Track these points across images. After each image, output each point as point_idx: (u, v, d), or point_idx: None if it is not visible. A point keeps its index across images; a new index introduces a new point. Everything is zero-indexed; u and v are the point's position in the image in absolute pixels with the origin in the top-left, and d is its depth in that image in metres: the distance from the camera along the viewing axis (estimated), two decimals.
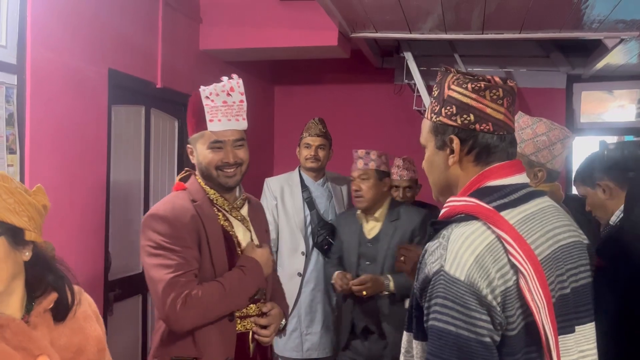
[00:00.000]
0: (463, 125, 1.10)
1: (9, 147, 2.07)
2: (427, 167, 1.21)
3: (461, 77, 1.13)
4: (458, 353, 0.96)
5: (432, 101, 1.17)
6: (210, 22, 3.50)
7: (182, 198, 1.72)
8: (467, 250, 1.00)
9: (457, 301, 0.98)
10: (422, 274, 1.05)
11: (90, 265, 2.53)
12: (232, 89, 1.73)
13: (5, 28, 2.06)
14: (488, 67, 4.43)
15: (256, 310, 1.76)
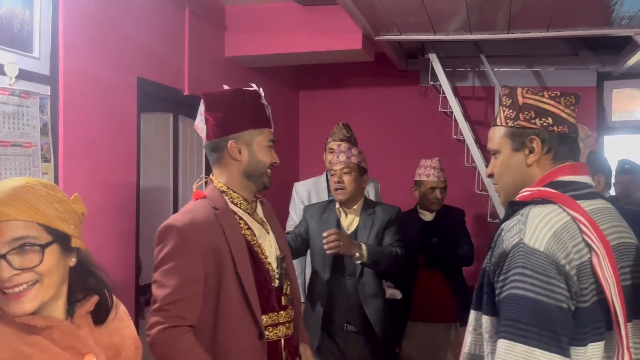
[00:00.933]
0: (542, 127, 1.24)
1: (44, 156, 2.13)
2: (500, 170, 1.31)
3: (532, 89, 1.28)
4: (537, 318, 1.03)
5: (505, 109, 1.29)
6: (235, 29, 3.55)
7: (204, 207, 1.66)
8: (546, 226, 1.09)
9: (537, 269, 1.05)
10: (499, 249, 1.13)
11: (121, 270, 2.59)
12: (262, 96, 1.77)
13: (39, 40, 2.13)
14: (515, 67, 4.38)
15: (286, 317, 1.74)
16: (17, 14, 2.05)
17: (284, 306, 1.73)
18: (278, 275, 1.74)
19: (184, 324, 1.55)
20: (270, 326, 1.68)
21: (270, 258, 1.74)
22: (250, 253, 1.67)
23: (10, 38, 2.02)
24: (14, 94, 2.00)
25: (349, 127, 3.11)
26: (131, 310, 2.65)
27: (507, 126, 1.28)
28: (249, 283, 1.61)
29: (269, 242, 1.77)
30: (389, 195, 3.85)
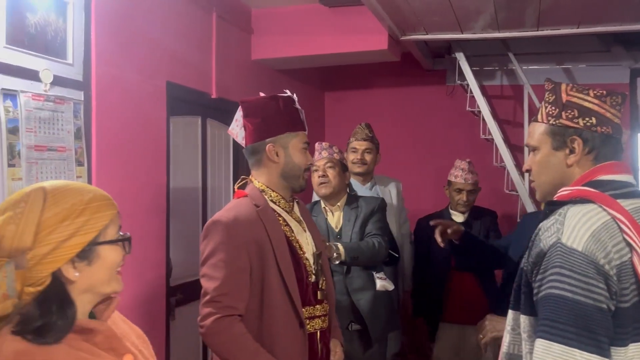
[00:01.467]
0: (585, 127, 1.21)
1: (77, 160, 2.19)
2: (539, 167, 1.28)
3: (577, 86, 1.25)
4: (575, 318, 1.01)
5: (547, 106, 1.27)
6: (261, 32, 3.58)
7: (246, 204, 1.75)
8: (584, 226, 1.07)
9: (575, 269, 1.03)
10: (536, 249, 1.12)
11: (152, 271, 2.63)
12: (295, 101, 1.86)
13: (72, 47, 2.19)
14: (544, 65, 4.30)
15: (321, 311, 1.82)
16: (51, 22, 2.12)
17: (319, 300, 1.82)
18: (315, 270, 1.82)
19: (235, 314, 1.63)
20: (307, 319, 1.76)
21: (307, 254, 1.82)
22: (290, 248, 1.75)
23: (44, 45, 2.08)
24: (49, 99, 2.06)
25: (371, 127, 3.11)
26: (162, 311, 2.71)
27: (548, 123, 1.25)
28: (289, 276, 1.70)
29: (306, 239, 1.85)
30: (413, 196, 3.83)
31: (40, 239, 0.97)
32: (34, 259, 0.96)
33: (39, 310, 0.97)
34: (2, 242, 0.95)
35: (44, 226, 0.97)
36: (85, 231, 1.01)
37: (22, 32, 1.99)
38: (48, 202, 0.99)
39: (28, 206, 0.98)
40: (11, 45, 1.93)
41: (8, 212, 0.98)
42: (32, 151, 1.98)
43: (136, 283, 2.50)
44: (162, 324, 2.71)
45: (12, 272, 0.93)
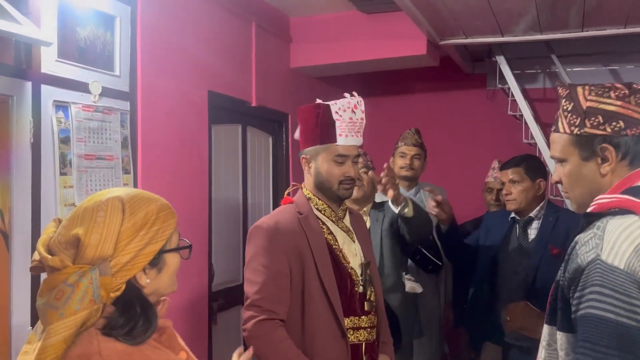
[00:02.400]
0: (614, 132, 1.13)
1: (124, 168, 2.26)
2: (570, 180, 1.20)
3: (595, 89, 1.15)
4: (618, 341, 0.95)
5: (567, 115, 1.18)
6: (300, 40, 3.62)
7: (289, 211, 1.80)
8: (626, 241, 1.00)
9: (617, 289, 0.97)
10: (574, 264, 1.05)
11: (195, 277, 2.69)
12: (356, 106, 1.82)
13: (119, 60, 2.27)
14: (590, 66, 4.18)
15: (367, 322, 1.80)
16: (99, 36, 2.20)
17: (366, 311, 1.80)
18: (362, 281, 1.81)
19: (276, 318, 1.66)
20: (352, 329, 1.75)
21: (353, 264, 1.81)
22: (332, 257, 1.74)
23: (93, 58, 2.17)
24: (97, 110, 2.14)
25: (420, 133, 3.09)
26: (205, 315, 2.76)
27: (572, 134, 1.17)
28: (330, 284, 1.71)
29: (354, 249, 1.85)
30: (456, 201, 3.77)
31: (120, 248, 1.02)
32: (116, 266, 1.01)
33: (123, 314, 1.02)
34: (86, 250, 1.00)
35: (123, 236, 1.02)
36: (157, 240, 1.07)
37: (72, 46, 2.08)
38: (126, 212, 1.04)
39: (108, 216, 1.02)
40: (62, 59, 2.02)
41: (87, 221, 1.02)
42: (83, 160, 2.06)
43: (180, 289, 2.54)
44: (205, 328, 2.76)
45: (97, 279, 0.98)
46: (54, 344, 0.95)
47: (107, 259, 1.01)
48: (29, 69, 1.89)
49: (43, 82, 1.93)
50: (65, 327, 0.95)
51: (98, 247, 1.01)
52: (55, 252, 1.01)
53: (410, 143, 3.03)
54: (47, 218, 1.92)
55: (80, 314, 0.97)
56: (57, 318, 0.95)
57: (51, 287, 0.99)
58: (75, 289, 0.97)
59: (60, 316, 0.95)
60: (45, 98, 1.93)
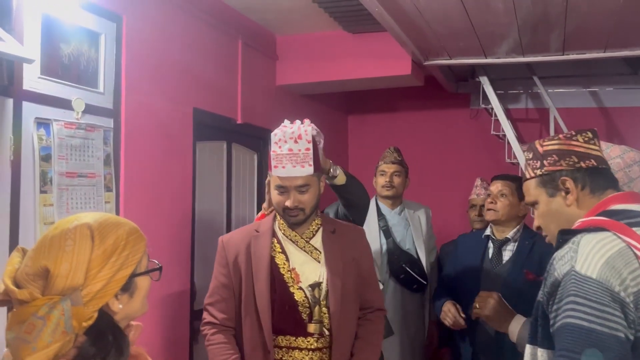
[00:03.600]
0: (569, 166, 1.27)
1: (106, 186, 2.24)
2: (544, 219, 1.32)
3: (548, 137, 1.34)
4: (592, 347, 0.99)
5: (530, 162, 1.35)
6: (286, 58, 3.64)
7: (249, 228, 1.93)
8: (598, 253, 1.06)
9: (590, 297, 1.02)
10: (551, 279, 1.12)
11: (177, 295, 2.65)
12: (300, 136, 1.78)
13: (103, 76, 2.26)
14: (570, 88, 4.26)
15: (306, 344, 1.78)
16: (83, 52, 2.19)
17: (309, 333, 1.78)
18: (309, 302, 1.79)
19: (217, 322, 1.84)
20: (285, 347, 1.79)
21: (303, 284, 1.81)
22: (273, 276, 1.80)
23: (77, 75, 2.15)
24: (80, 127, 2.12)
25: (400, 151, 3.11)
26: (186, 335, 2.72)
27: (536, 176, 1.32)
28: (261, 300, 1.78)
29: (313, 269, 1.82)
30: (440, 219, 3.80)
31: (91, 276, 0.99)
32: (88, 295, 0.98)
33: (95, 344, 0.99)
34: (56, 281, 0.97)
35: (94, 264, 1.00)
36: (127, 265, 1.04)
37: (56, 63, 2.06)
38: (95, 239, 1.01)
39: (77, 244, 1.00)
40: (45, 76, 2.00)
41: (55, 251, 0.99)
42: (64, 178, 2.04)
43: (161, 308, 2.52)
44: (186, 348, 2.72)
45: (69, 309, 0.95)
46: None
47: (77, 288, 0.98)
48: (10, 86, 1.87)
49: (25, 99, 1.91)
50: None
51: (68, 277, 0.98)
52: (23, 284, 0.98)
53: (389, 161, 3.04)
54: (26, 236, 1.89)
55: (53, 346, 0.94)
56: (30, 352, 0.93)
57: (21, 321, 0.96)
58: (46, 322, 0.94)
59: (32, 350, 0.93)
60: (27, 115, 1.91)
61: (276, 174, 1.80)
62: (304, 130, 1.79)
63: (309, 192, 1.81)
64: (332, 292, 1.80)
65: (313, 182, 1.82)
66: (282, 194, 1.82)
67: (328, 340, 1.80)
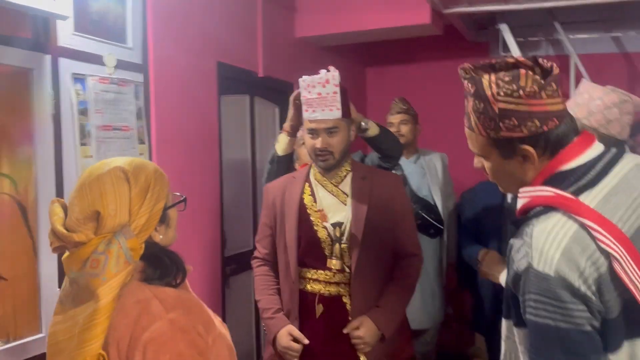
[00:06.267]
0: (531, 133, 1.06)
1: (139, 138, 2.34)
2: (493, 174, 1.18)
3: (503, 84, 1.05)
4: (561, 345, 0.98)
5: (480, 116, 1.11)
6: (305, 9, 3.63)
7: (290, 175, 2.13)
8: (552, 246, 0.99)
9: (550, 295, 0.98)
10: (512, 270, 1.07)
11: (208, 243, 2.79)
12: (327, 81, 1.88)
13: (131, 32, 2.32)
14: (592, 33, 4.19)
15: (325, 277, 1.95)
16: (111, 9, 2.25)
17: (329, 268, 1.92)
18: (331, 239, 1.94)
19: (261, 257, 2.13)
20: (309, 279, 1.98)
21: (328, 223, 1.94)
22: (301, 214, 1.97)
23: (106, 31, 2.22)
24: (113, 82, 2.21)
25: (405, 100, 3.16)
26: (218, 280, 2.87)
27: (487, 136, 1.11)
28: (290, 235, 1.98)
29: (339, 210, 1.95)
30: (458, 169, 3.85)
31: (134, 212, 1.12)
32: (137, 229, 1.11)
33: (156, 267, 1.13)
34: (106, 221, 1.09)
35: (134, 202, 1.12)
36: (160, 199, 1.17)
37: (86, 19, 2.13)
38: (130, 180, 1.13)
39: (116, 187, 1.11)
40: (78, 32, 2.07)
41: (98, 195, 1.10)
42: (100, 131, 2.14)
43: (195, 255, 2.67)
44: (219, 293, 2.89)
45: (125, 242, 1.08)
46: (105, 305, 1.05)
47: (126, 224, 1.11)
48: (47, 43, 1.95)
49: (61, 55, 1.99)
50: (110, 289, 1.06)
51: (116, 216, 1.10)
52: (75, 229, 1.10)
53: (395, 112, 3.10)
54: (69, 187, 2.01)
55: (120, 274, 1.07)
56: (101, 283, 1.06)
57: (81, 260, 1.09)
58: (108, 255, 1.07)
59: (103, 280, 1.06)
60: (64, 71, 2.00)
61: (306, 117, 1.92)
62: (332, 75, 1.87)
63: (338, 135, 1.92)
64: (353, 232, 1.92)
65: (342, 126, 1.92)
66: (313, 137, 1.94)
67: (348, 277, 1.93)
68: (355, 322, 1.90)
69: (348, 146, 1.97)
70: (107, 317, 1.05)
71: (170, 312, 1.07)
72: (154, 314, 1.06)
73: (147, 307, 1.07)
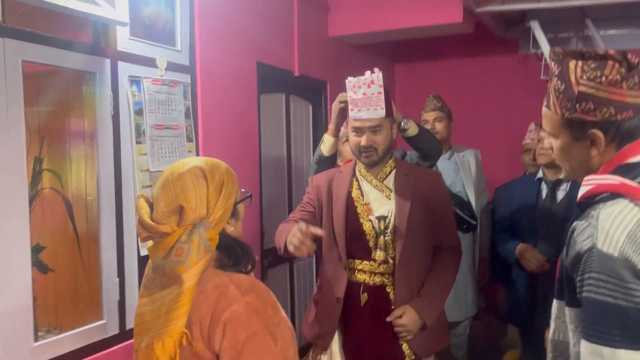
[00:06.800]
0: (604, 119, 1.12)
1: (188, 136, 2.46)
2: (561, 154, 1.23)
3: (588, 69, 1.12)
4: (618, 321, 1.05)
5: (559, 95, 1.17)
6: (338, 9, 3.72)
7: (335, 170, 2.19)
8: (619, 228, 1.06)
9: (613, 275, 1.04)
10: (573, 251, 1.13)
11: (249, 236, 2.91)
12: (372, 82, 1.98)
13: (180, 36, 2.44)
14: (623, 29, 4.20)
15: (369, 267, 2.03)
16: (161, 14, 2.37)
17: (372, 259, 2.02)
18: (375, 232, 2.02)
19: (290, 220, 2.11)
20: (355, 269, 2.05)
21: (373, 216, 2.03)
22: (348, 206, 2.05)
23: (157, 35, 2.34)
24: (164, 83, 2.33)
25: (440, 97, 3.22)
26: (257, 272, 2.99)
27: (562, 115, 1.17)
28: (338, 226, 2.05)
29: (383, 204, 2.05)
30: (490, 164, 3.91)
31: (212, 207, 1.24)
32: (214, 221, 1.23)
33: (230, 255, 1.25)
34: (188, 214, 1.21)
35: (211, 197, 1.24)
36: (232, 194, 1.29)
37: (140, 24, 2.25)
38: (208, 178, 1.25)
39: (196, 184, 1.23)
40: (133, 37, 2.20)
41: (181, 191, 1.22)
42: (154, 129, 2.27)
43: None
44: None
45: (204, 233, 1.20)
46: (189, 288, 1.18)
47: (204, 217, 1.23)
48: (107, 47, 2.08)
49: (119, 58, 2.12)
50: (193, 274, 1.18)
51: (196, 210, 1.22)
52: (161, 221, 1.22)
53: (429, 109, 3.16)
54: (127, 183, 2.14)
55: (201, 262, 1.19)
56: (185, 269, 1.18)
57: (167, 248, 1.21)
58: (190, 245, 1.19)
59: (187, 267, 1.18)
60: (122, 73, 2.12)
61: (352, 116, 2.01)
62: (376, 76, 1.97)
63: (381, 133, 2.01)
64: (397, 225, 2.01)
65: (385, 124, 2.01)
66: (357, 135, 2.03)
67: (392, 268, 2.02)
68: (399, 310, 1.98)
69: (390, 144, 2.06)
70: (189, 300, 1.17)
71: (245, 295, 1.18)
72: (231, 297, 1.17)
73: (225, 291, 1.18)
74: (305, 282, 3.60)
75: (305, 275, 3.60)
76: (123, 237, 2.13)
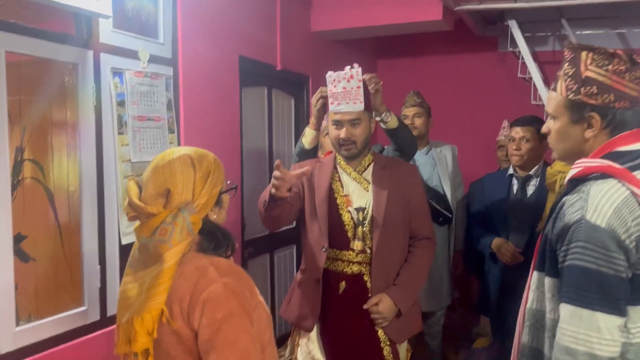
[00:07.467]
0: (603, 104, 1.25)
1: (169, 128, 2.50)
2: (557, 135, 1.34)
3: (598, 58, 1.27)
4: (598, 287, 1.16)
5: (567, 79, 1.30)
6: (321, 4, 3.77)
7: (315, 160, 2.27)
8: (607, 203, 1.17)
9: (598, 244, 1.16)
10: (561, 223, 1.24)
11: (230, 226, 2.96)
12: (352, 76, 2.07)
13: (163, 29, 2.47)
14: (598, 29, 4.32)
15: (346, 257, 2.10)
16: (144, 6, 2.40)
17: (351, 248, 2.09)
18: (354, 222, 2.09)
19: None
20: (333, 259, 2.12)
21: (352, 207, 2.11)
22: (329, 197, 2.12)
23: (140, 27, 2.37)
24: (147, 75, 2.36)
25: (420, 93, 3.30)
26: (237, 261, 3.05)
27: (567, 97, 1.29)
28: (321, 211, 2.11)
29: (362, 196, 2.12)
30: (466, 160, 4.01)
31: (197, 193, 1.31)
32: (198, 206, 1.30)
33: (210, 240, 1.32)
34: (175, 198, 1.28)
35: (198, 184, 1.31)
36: (218, 184, 1.36)
37: (123, 16, 2.28)
38: (196, 166, 1.32)
39: (184, 170, 1.30)
40: (117, 29, 2.23)
41: (169, 176, 1.28)
42: (136, 121, 2.30)
43: None
44: None
45: (188, 217, 1.27)
46: (170, 267, 1.24)
47: (189, 202, 1.29)
48: (90, 39, 2.10)
49: (102, 50, 2.15)
50: (174, 253, 1.24)
51: (182, 194, 1.29)
52: (149, 202, 1.29)
53: (409, 105, 3.24)
54: (109, 173, 2.18)
55: (183, 243, 1.26)
56: (167, 248, 1.24)
57: (153, 228, 1.27)
58: (174, 226, 1.25)
59: (169, 247, 1.24)
60: (104, 65, 2.16)
61: (332, 109, 2.09)
62: (355, 71, 2.04)
63: (360, 126, 2.08)
64: (375, 216, 2.09)
65: (364, 118, 2.08)
66: (337, 128, 2.10)
67: (369, 258, 2.09)
68: (375, 298, 2.06)
69: (369, 137, 2.13)
70: (169, 278, 1.23)
71: (223, 277, 1.24)
72: (210, 278, 1.24)
73: (205, 273, 1.24)
74: (286, 272, 3.67)
75: (285, 266, 3.67)
76: (105, 225, 2.17)
